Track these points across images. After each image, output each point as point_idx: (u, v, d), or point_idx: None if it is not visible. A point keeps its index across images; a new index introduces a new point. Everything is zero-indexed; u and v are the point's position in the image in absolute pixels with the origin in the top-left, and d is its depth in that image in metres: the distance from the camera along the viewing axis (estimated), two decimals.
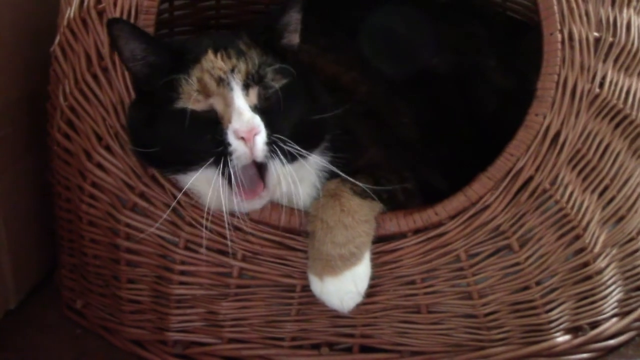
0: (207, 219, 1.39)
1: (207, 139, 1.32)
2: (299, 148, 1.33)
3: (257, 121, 1.31)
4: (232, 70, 1.32)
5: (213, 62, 1.33)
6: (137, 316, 1.57)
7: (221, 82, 1.32)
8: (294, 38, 1.41)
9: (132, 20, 1.46)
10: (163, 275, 1.52)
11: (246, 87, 1.32)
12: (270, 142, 1.31)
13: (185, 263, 1.50)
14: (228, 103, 1.31)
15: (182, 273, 1.51)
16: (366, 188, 1.42)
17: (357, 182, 1.40)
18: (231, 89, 1.31)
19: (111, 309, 1.61)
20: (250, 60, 1.34)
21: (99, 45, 1.48)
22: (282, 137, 1.32)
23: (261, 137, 1.31)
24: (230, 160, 1.31)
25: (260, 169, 1.36)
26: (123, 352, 1.60)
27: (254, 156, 1.31)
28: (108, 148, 1.49)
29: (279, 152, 1.32)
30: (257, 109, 1.32)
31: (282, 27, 1.40)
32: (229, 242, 1.43)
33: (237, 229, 1.46)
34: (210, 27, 2.01)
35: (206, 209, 1.38)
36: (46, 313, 1.72)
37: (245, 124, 1.30)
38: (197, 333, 1.54)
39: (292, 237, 1.45)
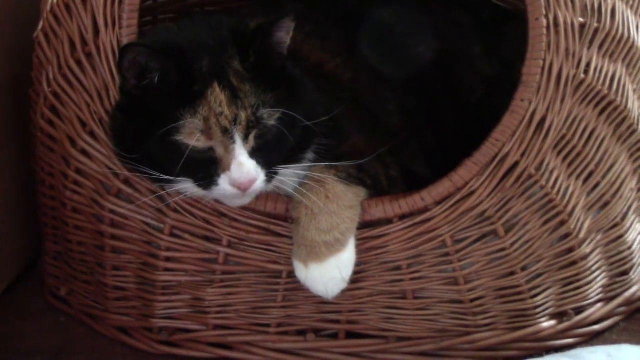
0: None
1: (199, 173, 1.32)
2: (291, 165, 1.37)
3: (256, 171, 1.31)
4: (235, 121, 1.30)
5: (221, 105, 1.30)
6: (122, 303, 1.57)
7: (226, 132, 1.30)
8: (285, 48, 1.38)
9: (116, 6, 1.45)
10: (148, 262, 1.51)
11: (246, 136, 1.31)
12: (267, 178, 1.33)
13: (170, 249, 1.49)
14: (229, 152, 1.31)
15: (168, 259, 1.50)
16: (350, 174, 1.43)
17: (341, 167, 1.40)
18: (234, 142, 1.31)
19: (96, 296, 1.60)
20: (247, 102, 1.32)
21: (83, 30, 1.47)
22: (277, 169, 1.35)
23: (259, 182, 1.32)
24: (212, 189, 1.33)
25: None
26: (108, 340, 1.59)
27: (248, 194, 1.34)
28: (92, 134, 1.48)
29: (273, 179, 1.35)
30: (254, 151, 1.32)
31: (274, 45, 1.36)
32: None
33: (222, 215, 1.45)
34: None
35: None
36: (30, 301, 1.72)
37: (245, 175, 1.30)
38: (182, 320, 1.54)
39: (278, 223, 1.45)
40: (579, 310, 1.57)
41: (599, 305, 1.59)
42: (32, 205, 1.73)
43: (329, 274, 1.41)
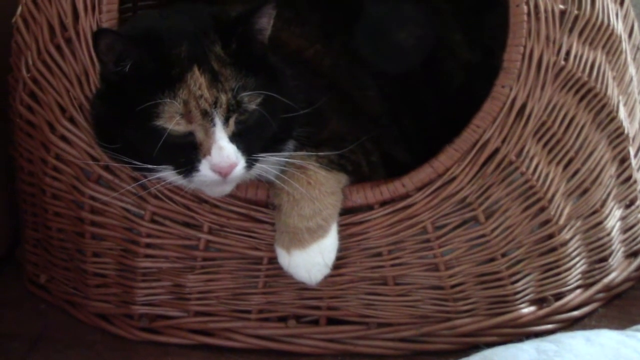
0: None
1: (180, 159, 1.31)
2: (273, 154, 1.36)
3: (236, 156, 1.30)
4: (215, 104, 1.30)
5: (200, 88, 1.30)
6: (102, 290, 1.56)
7: (206, 115, 1.30)
8: (266, 36, 1.37)
9: None
10: (129, 248, 1.51)
11: (227, 119, 1.31)
12: (247, 164, 1.32)
13: (151, 236, 1.49)
14: (209, 135, 1.30)
15: (148, 246, 1.50)
16: (331, 160, 1.43)
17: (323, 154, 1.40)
18: (214, 125, 1.30)
19: (76, 283, 1.59)
20: (228, 86, 1.31)
21: (62, 15, 1.46)
22: (257, 156, 1.34)
23: (239, 167, 1.31)
24: (193, 176, 1.32)
25: None
26: (88, 327, 1.58)
27: (229, 181, 1.33)
28: (72, 120, 1.48)
29: (254, 166, 1.34)
30: (235, 136, 1.32)
31: (256, 32, 1.36)
32: None
33: (203, 201, 1.45)
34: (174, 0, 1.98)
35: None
36: (9, 288, 1.71)
37: (226, 159, 1.30)
38: (163, 306, 1.53)
39: (259, 210, 1.45)
40: (559, 296, 1.57)
41: (579, 291, 1.60)
42: (11, 192, 1.72)
43: (312, 260, 1.41)
